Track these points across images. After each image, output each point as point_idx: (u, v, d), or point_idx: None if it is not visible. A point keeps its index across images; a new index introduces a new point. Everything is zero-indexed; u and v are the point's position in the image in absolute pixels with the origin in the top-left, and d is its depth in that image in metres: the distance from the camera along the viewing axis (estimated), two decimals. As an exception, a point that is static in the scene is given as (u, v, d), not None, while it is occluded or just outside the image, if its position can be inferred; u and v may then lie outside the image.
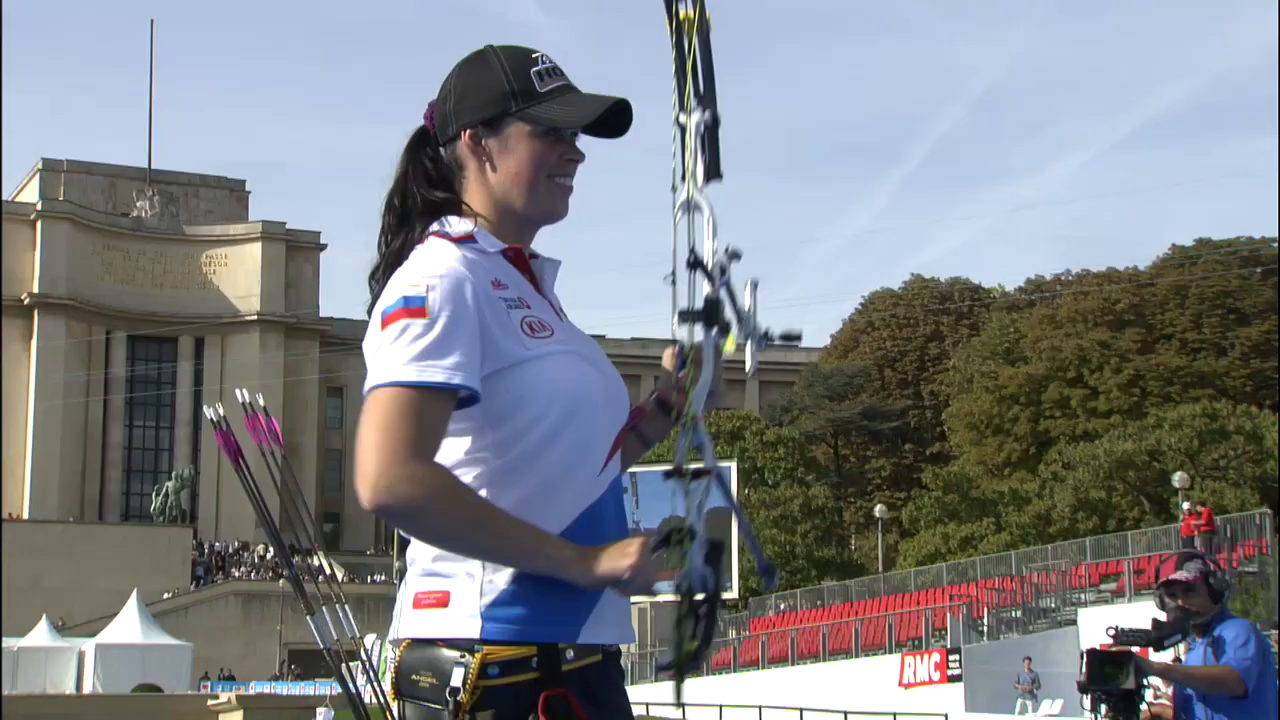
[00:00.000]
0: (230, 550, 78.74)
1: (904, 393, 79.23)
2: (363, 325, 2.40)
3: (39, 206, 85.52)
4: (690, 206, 2.21)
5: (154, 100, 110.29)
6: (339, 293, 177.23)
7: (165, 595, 66.60)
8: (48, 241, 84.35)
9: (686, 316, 2.18)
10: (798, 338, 2.30)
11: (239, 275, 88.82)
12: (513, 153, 2.48)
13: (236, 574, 73.34)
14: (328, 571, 9.46)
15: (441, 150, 2.53)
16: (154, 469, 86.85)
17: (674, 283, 2.20)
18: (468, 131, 2.49)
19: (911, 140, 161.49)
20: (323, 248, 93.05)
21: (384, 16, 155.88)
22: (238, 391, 8.01)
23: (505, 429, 2.36)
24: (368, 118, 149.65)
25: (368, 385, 2.30)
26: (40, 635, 44.96)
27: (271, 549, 78.62)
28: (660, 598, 2.40)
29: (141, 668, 42.44)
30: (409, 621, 2.38)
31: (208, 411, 8.00)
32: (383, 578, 70.85)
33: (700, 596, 2.12)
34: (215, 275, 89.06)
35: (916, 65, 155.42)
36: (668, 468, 2.16)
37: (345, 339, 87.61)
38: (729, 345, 2.23)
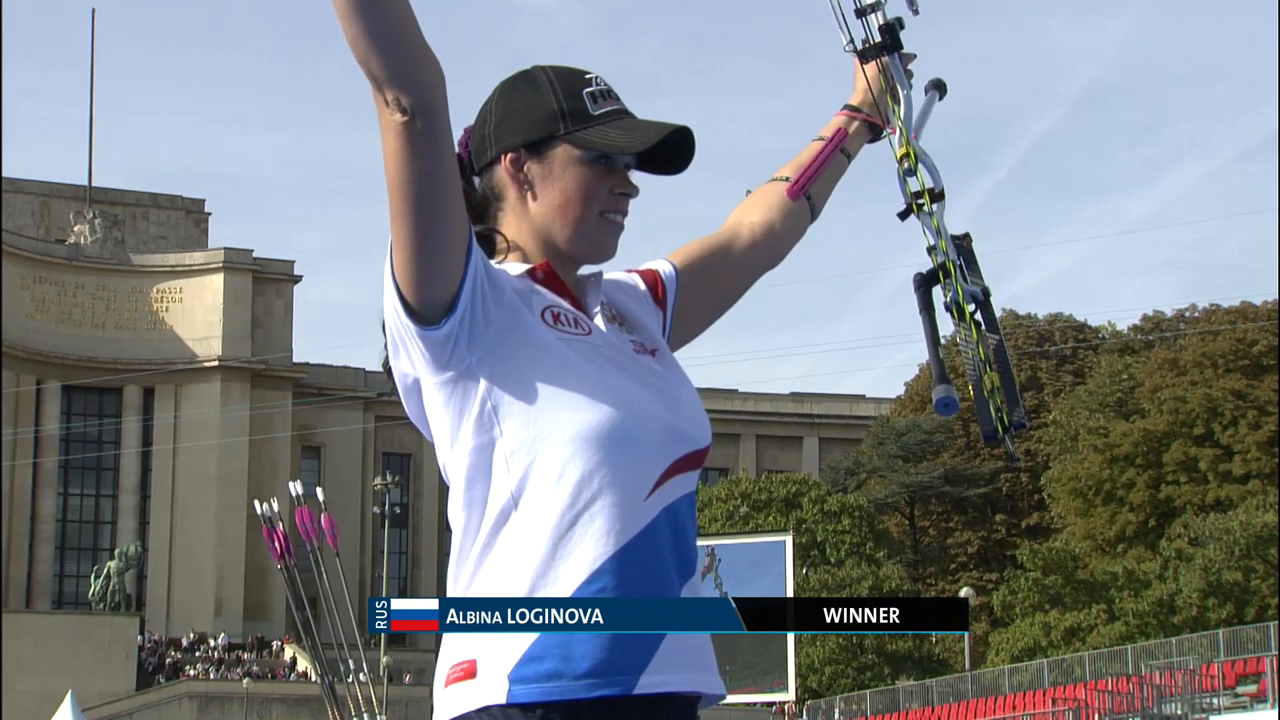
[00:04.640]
0: (184, 644, 78.84)
1: (994, 453, 78.94)
2: (344, 372, 2.44)
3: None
4: None
5: (95, 104, 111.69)
6: (315, 333, 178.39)
7: (109, 698, 66.66)
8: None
9: (869, 53, 2.77)
10: None
11: (196, 313, 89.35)
12: (558, 180, 2.56)
13: (192, 672, 73.38)
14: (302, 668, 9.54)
15: (476, 179, 2.62)
16: (93, 546, 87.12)
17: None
18: (508, 155, 2.58)
19: (999, 146, 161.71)
20: (296, 280, 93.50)
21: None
22: (291, 486, 8.10)
23: (517, 437, 2.41)
24: (349, 126, 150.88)
25: None
26: (-44, 746, 45.08)
27: (224, 638, 78.74)
28: None
29: (77, 786, 42.41)
30: (440, 706, 2.40)
31: (258, 507, 8.13)
32: (364, 677, 70.71)
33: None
34: (168, 313, 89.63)
35: (1005, 56, 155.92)
36: (902, 209, 2.75)
37: (323, 388, 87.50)
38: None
